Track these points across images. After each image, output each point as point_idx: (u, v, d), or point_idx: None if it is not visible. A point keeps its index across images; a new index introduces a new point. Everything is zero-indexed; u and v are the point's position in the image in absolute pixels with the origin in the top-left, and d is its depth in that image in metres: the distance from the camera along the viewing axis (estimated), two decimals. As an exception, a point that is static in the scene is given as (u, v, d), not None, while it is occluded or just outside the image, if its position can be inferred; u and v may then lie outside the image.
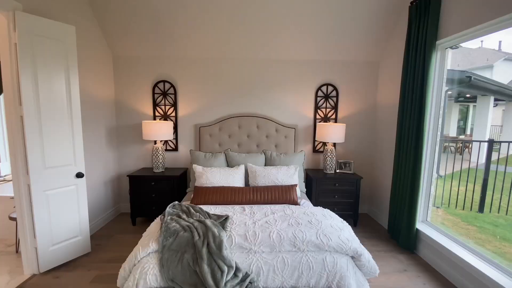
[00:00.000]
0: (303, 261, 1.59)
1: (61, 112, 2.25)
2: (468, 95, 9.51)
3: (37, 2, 2.19)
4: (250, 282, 1.42)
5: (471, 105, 10.82)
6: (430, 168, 2.65)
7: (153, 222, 1.93)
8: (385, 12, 2.91)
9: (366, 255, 1.67)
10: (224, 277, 1.40)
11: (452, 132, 11.62)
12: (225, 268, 1.43)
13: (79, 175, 2.41)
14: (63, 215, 2.34)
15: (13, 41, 1.99)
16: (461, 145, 8.15)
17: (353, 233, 1.83)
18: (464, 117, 11.72)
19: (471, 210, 4.39)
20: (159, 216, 1.96)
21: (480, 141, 5.68)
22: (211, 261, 1.46)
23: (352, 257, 1.68)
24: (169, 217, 1.82)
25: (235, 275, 1.45)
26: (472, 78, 6.10)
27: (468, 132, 11.04)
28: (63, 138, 2.28)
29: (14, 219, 2.48)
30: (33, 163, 2.10)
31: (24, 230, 2.17)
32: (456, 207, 4.53)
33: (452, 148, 8.43)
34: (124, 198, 3.58)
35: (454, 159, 4.67)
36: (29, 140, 2.06)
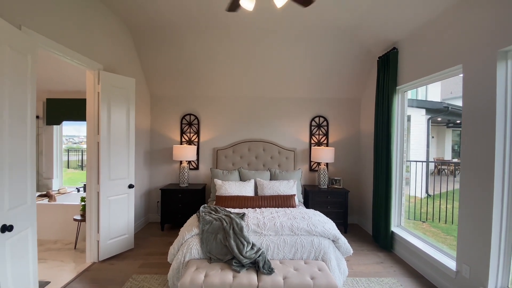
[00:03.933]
0: (298, 242, 2.30)
1: (122, 139, 3.09)
2: (458, 121, 10.31)
3: (111, 63, 3.14)
4: (262, 253, 2.13)
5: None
6: (400, 183, 3.36)
7: (191, 217, 2.68)
8: (363, 61, 3.84)
9: (343, 239, 2.38)
10: (245, 249, 2.11)
11: (447, 155, 12.26)
12: (245, 243, 2.15)
13: (131, 186, 3.19)
14: (117, 216, 3.08)
15: (96, 90, 2.88)
16: (454, 167, 8.82)
17: (335, 225, 2.54)
18: (458, 141, 12.40)
19: (452, 223, 5.01)
20: (195, 214, 2.70)
21: (450, 162, 6.39)
22: (236, 239, 2.18)
23: (333, 241, 2.39)
24: (203, 213, 2.56)
25: (251, 248, 2.16)
26: (450, 108, 6.99)
27: (463, 155, 11.52)
28: (122, 158, 3.09)
29: (77, 220, 3.21)
30: (103, 175, 2.90)
31: (91, 226, 2.91)
32: (439, 221, 5.18)
33: (446, 171, 9.10)
34: (153, 210, 4.31)
35: (449, 180, 5.36)
36: (102, 159, 2.88)
